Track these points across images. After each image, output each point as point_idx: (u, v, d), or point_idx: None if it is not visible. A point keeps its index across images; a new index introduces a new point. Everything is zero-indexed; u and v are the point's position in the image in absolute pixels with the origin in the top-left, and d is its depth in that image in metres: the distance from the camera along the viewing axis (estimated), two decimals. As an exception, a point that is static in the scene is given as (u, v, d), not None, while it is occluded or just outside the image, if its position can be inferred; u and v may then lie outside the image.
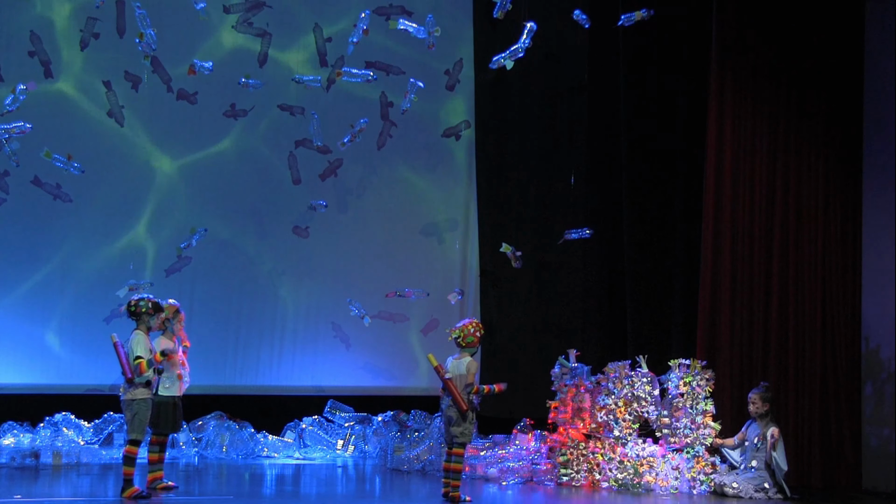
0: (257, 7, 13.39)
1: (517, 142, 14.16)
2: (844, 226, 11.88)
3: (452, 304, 13.60)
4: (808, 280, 11.72)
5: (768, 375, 11.40)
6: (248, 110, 13.45)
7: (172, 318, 10.11)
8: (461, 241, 14.31)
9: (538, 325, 13.96)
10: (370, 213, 14.09)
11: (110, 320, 12.77)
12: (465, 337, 9.86)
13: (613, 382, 11.06)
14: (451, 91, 14.19)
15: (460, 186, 14.34)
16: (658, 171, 12.98)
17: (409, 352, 13.97)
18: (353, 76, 12.63)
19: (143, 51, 12.29)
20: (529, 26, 11.23)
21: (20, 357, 12.98)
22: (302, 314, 13.88)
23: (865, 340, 11.77)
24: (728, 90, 11.78)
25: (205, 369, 12.45)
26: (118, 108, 13.11)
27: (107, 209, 13.26)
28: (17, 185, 12.91)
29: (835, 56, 11.88)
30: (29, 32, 12.95)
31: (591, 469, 11.01)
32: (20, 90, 11.84)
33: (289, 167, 13.68)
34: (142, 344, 9.60)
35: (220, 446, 12.69)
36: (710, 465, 10.78)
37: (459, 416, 9.70)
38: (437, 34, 11.99)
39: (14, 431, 12.14)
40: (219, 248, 13.51)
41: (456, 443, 9.75)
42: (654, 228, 12.94)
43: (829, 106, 11.89)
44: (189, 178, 13.53)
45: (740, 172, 11.74)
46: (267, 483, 11.35)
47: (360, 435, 13.26)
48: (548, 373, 11.45)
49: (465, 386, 9.73)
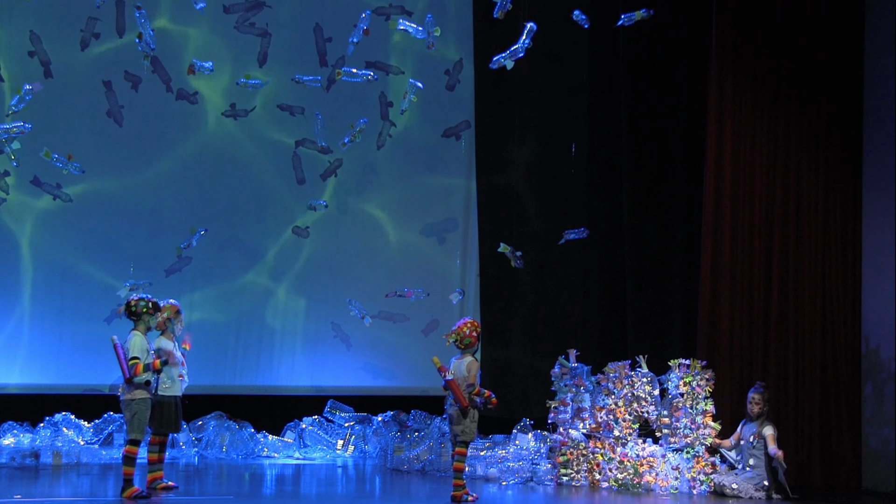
0: (257, 7, 13.40)
1: (517, 142, 14.16)
2: (844, 226, 11.88)
3: (454, 303, 13.61)
4: (808, 280, 11.72)
5: (768, 375, 11.40)
6: (250, 110, 13.45)
7: (173, 318, 10.11)
8: (461, 241, 14.32)
9: (538, 325, 13.96)
10: (370, 213, 14.09)
11: (111, 320, 12.77)
12: (462, 339, 9.92)
13: (613, 382, 11.06)
14: (451, 91, 14.19)
15: (460, 186, 14.34)
16: (658, 170, 12.98)
17: (409, 352, 13.95)
18: (353, 76, 12.63)
19: (142, 50, 12.29)
20: (529, 26, 11.23)
21: (20, 357, 12.98)
22: (302, 314, 13.88)
23: (865, 340, 11.77)
24: (728, 90, 11.77)
25: (205, 369, 12.44)
26: (117, 107, 13.11)
27: (107, 209, 13.25)
28: (17, 185, 12.91)
29: (835, 56, 11.88)
30: (29, 32, 12.95)
31: (591, 469, 11.01)
32: (26, 90, 11.84)
33: (293, 167, 13.68)
34: (138, 345, 9.60)
35: (220, 446, 12.70)
36: (710, 465, 10.78)
37: (460, 413, 9.73)
38: (437, 34, 12.00)
39: (14, 431, 12.15)
40: (219, 248, 13.51)
41: (458, 441, 9.78)
42: (654, 228, 12.95)
43: (829, 106, 11.89)
44: (189, 177, 13.52)
45: (740, 172, 11.73)
46: (267, 483, 11.35)
47: (360, 435, 13.26)
48: (548, 373, 11.45)
49: (466, 386, 9.77)
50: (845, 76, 11.93)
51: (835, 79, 11.89)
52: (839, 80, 11.91)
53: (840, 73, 11.91)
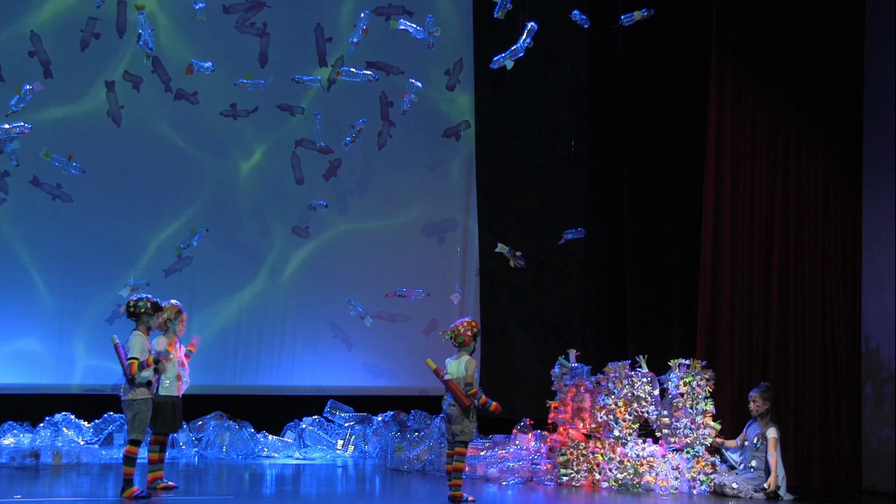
0: (257, 7, 13.40)
1: (517, 142, 14.17)
2: (844, 226, 11.88)
3: (455, 303, 13.61)
4: (808, 280, 11.71)
5: (768, 375, 11.40)
6: (251, 111, 13.45)
7: (174, 318, 10.11)
8: (461, 241, 14.32)
9: (538, 325, 13.97)
10: (370, 213, 14.09)
11: (112, 320, 12.77)
12: (457, 337, 9.93)
13: (613, 382, 11.06)
14: (451, 91, 14.20)
15: (460, 186, 14.34)
16: (658, 171, 12.99)
17: (409, 352, 13.94)
18: (353, 76, 12.64)
19: (141, 50, 12.29)
20: (530, 26, 11.23)
21: (20, 357, 12.97)
22: (302, 314, 13.88)
23: (865, 340, 11.77)
24: (728, 90, 11.77)
25: (205, 369, 12.45)
26: (117, 108, 13.11)
27: (107, 209, 13.25)
28: (17, 185, 12.92)
29: (835, 56, 11.88)
30: (29, 32, 12.96)
31: (591, 469, 11.01)
32: (26, 90, 11.84)
33: (292, 167, 13.68)
34: (138, 345, 9.60)
35: (220, 446, 12.70)
36: (710, 465, 10.78)
37: (461, 413, 9.73)
38: (437, 34, 12.00)
39: (14, 431, 12.15)
40: (219, 248, 13.51)
41: (457, 441, 9.77)
42: (654, 228, 12.94)
43: (829, 105, 11.89)
44: (189, 177, 13.52)
45: (740, 172, 11.73)
46: (267, 483, 11.35)
47: (360, 435, 13.26)
48: (548, 373, 11.45)
49: (464, 385, 9.77)
50: (845, 75, 11.93)
51: (835, 78, 11.89)
52: (839, 79, 11.91)
53: (840, 73, 11.91)
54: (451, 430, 9.80)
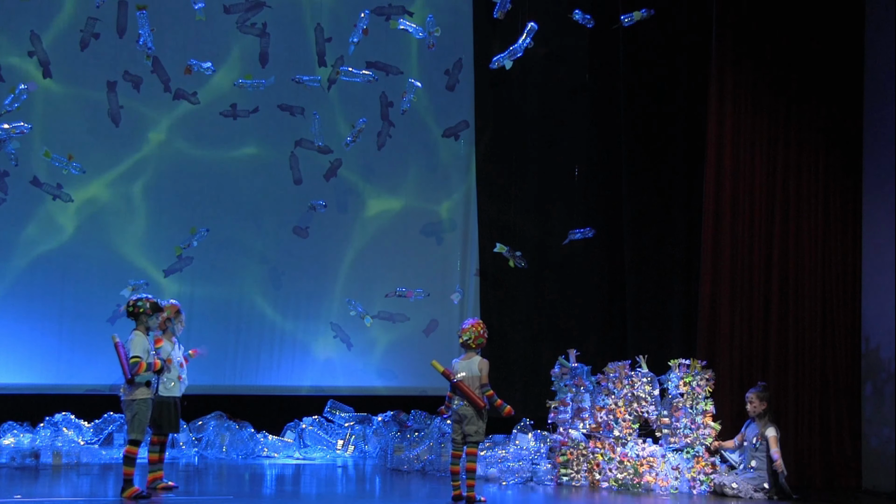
0: (257, 7, 13.40)
1: (517, 142, 14.17)
2: (844, 226, 11.88)
3: (455, 303, 13.61)
4: (808, 280, 11.72)
5: (768, 375, 11.40)
6: (251, 111, 13.45)
7: (174, 318, 10.11)
8: (461, 241, 14.32)
9: (538, 325, 13.97)
10: (370, 213, 14.09)
11: (114, 320, 12.78)
12: (476, 338, 9.83)
13: (613, 382, 11.07)
14: (451, 91, 14.19)
15: (460, 186, 14.34)
16: (658, 171, 12.99)
17: (409, 352, 13.95)
18: (353, 76, 12.63)
19: (141, 50, 12.29)
20: (530, 26, 11.23)
21: (20, 357, 12.98)
22: (302, 314, 13.88)
23: (865, 340, 11.77)
24: (728, 90, 11.77)
25: (205, 369, 12.44)
26: (117, 108, 13.11)
27: (107, 209, 13.25)
28: (17, 185, 12.92)
29: (835, 57, 11.88)
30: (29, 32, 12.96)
31: (591, 469, 11.01)
32: (20, 90, 11.84)
33: (290, 167, 13.68)
34: (140, 345, 9.59)
35: (220, 446, 12.70)
36: (710, 465, 10.78)
37: (475, 414, 9.64)
38: (437, 34, 12.00)
39: (14, 431, 12.14)
40: (219, 247, 13.51)
41: (469, 441, 9.69)
42: (654, 228, 12.95)
43: (829, 106, 11.89)
44: (189, 177, 13.52)
45: (740, 172, 11.74)
46: (267, 483, 11.35)
47: (360, 435, 13.26)
48: (548, 373, 11.45)
49: (479, 386, 9.68)
50: (845, 76, 11.93)
51: (835, 79, 11.89)
52: (839, 79, 11.91)
53: (840, 73, 11.91)
54: (461, 430, 9.69)
